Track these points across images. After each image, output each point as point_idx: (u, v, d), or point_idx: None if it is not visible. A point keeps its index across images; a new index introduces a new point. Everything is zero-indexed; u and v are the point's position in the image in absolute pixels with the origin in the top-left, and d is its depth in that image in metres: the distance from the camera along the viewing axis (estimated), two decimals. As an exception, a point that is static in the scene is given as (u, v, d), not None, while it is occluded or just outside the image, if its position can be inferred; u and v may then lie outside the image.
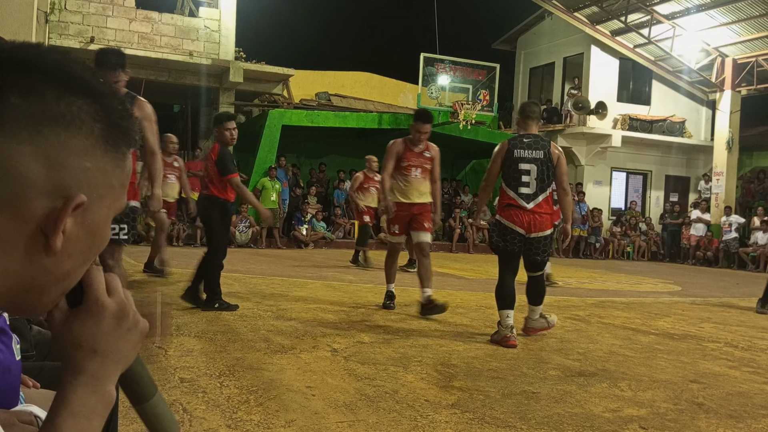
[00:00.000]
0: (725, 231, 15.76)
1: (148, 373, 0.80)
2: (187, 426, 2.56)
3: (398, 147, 5.79)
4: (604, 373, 3.82)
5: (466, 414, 2.90)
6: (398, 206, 5.75)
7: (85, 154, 0.63)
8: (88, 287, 0.69)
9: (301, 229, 14.20)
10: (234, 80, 14.29)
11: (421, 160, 5.78)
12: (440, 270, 10.43)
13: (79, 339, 0.68)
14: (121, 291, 0.72)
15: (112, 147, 0.65)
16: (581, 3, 17.08)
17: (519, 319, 4.91)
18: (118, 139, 0.66)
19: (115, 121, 0.66)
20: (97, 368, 0.68)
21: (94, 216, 0.65)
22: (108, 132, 0.65)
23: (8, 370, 0.96)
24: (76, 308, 0.69)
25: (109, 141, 0.65)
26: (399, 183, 5.78)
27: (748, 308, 7.51)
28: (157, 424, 0.81)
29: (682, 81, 18.09)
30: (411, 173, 5.76)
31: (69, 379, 0.68)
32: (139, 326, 0.72)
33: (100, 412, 0.69)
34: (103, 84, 0.67)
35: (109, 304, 0.70)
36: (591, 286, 9.17)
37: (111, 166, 0.66)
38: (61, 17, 13.24)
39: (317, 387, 3.19)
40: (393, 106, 18.64)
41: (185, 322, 4.75)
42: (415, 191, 5.77)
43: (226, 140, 5.56)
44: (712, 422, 2.98)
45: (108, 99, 0.66)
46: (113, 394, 0.70)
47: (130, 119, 0.69)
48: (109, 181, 0.66)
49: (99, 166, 0.64)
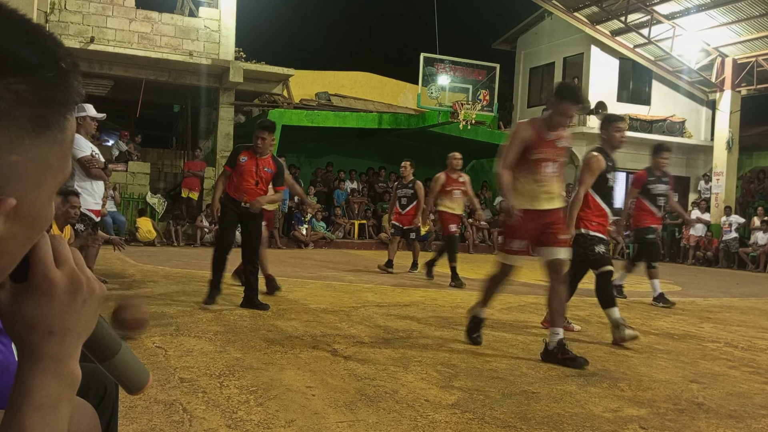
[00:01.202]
0: (725, 231, 15.77)
1: (110, 329, 0.75)
2: (187, 426, 2.56)
3: (526, 132, 4.23)
4: (604, 373, 3.82)
5: (466, 414, 2.90)
6: (525, 214, 4.21)
7: (10, 148, 0.54)
8: (34, 262, 0.61)
9: (301, 229, 14.21)
10: (234, 80, 14.29)
11: (556, 152, 4.29)
12: (440, 270, 10.43)
13: (32, 321, 0.60)
14: (70, 258, 0.64)
15: (44, 127, 0.56)
16: (581, 3, 17.09)
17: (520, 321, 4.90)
18: (52, 114, 0.57)
19: (47, 95, 0.56)
20: (56, 350, 0.61)
21: (31, 206, 0.58)
22: (37, 112, 0.55)
23: (6, 370, 0.96)
24: (22, 285, 0.61)
25: (41, 122, 0.56)
26: (525, 183, 4.26)
27: (748, 308, 7.50)
28: (124, 377, 0.78)
29: (682, 81, 18.10)
30: (543, 169, 4.24)
31: (27, 366, 0.61)
32: (95, 293, 0.65)
33: (67, 397, 0.62)
34: (29, 45, 0.55)
35: (59, 279, 0.62)
36: (591, 286, 9.16)
37: (45, 149, 0.57)
38: (61, 17, 13.24)
39: (317, 387, 3.19)
40: (393, 106, 18.65)
41: (185, 323, 4.75)
42: (545, 194, 4.29)
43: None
44: (712, 422, 2.98)
45: (36, 71, 0.55)
46: (78, 373, 0.64)
47: (67, 79, 0.58)
48: (46, 164, 0.58)
49: (30, 155, 0.56)
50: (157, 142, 17.76)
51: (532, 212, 4.25)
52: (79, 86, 0.60)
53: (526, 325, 5.42)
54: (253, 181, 5.54)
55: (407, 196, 9.44)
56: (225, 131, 14.89)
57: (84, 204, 5.73)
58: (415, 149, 18.35)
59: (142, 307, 3.44)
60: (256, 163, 5.55)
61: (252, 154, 5.56)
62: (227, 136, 14.91)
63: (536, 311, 6.25)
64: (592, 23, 17.58)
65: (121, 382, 0.78)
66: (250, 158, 5.54)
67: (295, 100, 16.24)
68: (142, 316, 3.38)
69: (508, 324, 5.40)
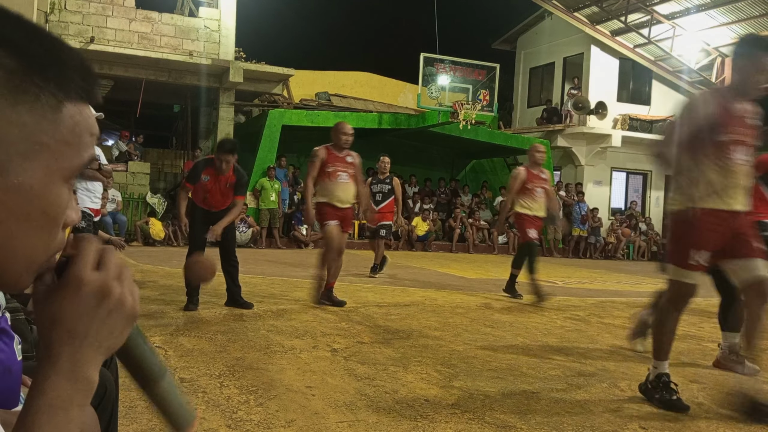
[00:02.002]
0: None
1: (153, 355, 0.74)
2: (187, 426, 2.56)
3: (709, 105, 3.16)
4: (604, 373, 3.82)
5: (466, 414, 2.90)
6: (710, 216, 3.18)
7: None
8: (73, 260, 0.63)
9: (301, 229, 14.21)
10: (234, 80, 14.29)
11: (746, 132, 3.23)
12: (440, 270, 10.44)
13: (55, 316, 0.62)
14: (112, 266, 0.65)
15: (23, 97, 0.57)
16: (581, 3, 17.10)
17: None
18: (35, 88, 0.58)
19: (30, 70, 0.58)
20: (72, 352, 0.62)
21: (19, 176, 0.58)
22: (16, 81, 0.57)
23: (9, 371, 0.96)
24: (58, 280, 0.63)
25: (17, 90, 0.57)
26: (715, 174, 3.17)
27: (748, 308, 7.50)
28: (165, 409, 0.76)
29: (682, 81, 18.10)
30: (733, 154, 3.16)
31: (44, 364, 0.62)
32: (125, 309, 0.65)
33: (79, 402, 0.62)
34: (17, 29, 0.59)
35: (90, 280, 0.63)
36: (591, 286, 9.17)
37: (30, 119, 0.58)
38: (61, 17, 13.24)
39: (317, 387, 3.19)
40: (393, 106, 18.66)
41: (185, 323, 4.75)
42: (737, 189, 3.21)
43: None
44: (712, 422, 2.98)
45: (17, 43, 0.58)
46: (94, 381, 0.64)
47: (63, 68, 0.61)
48: (35, 138, 0.58)
49: (10, 119, 0.57)
50: (157, 142, 17.78)
51: (722, 213, 3.18)
52: (85, 85, 0.62)
53: (526, 325, 5.42)
54: (217, 196, 5.56)
55: (383, 191, 8.98)
56: (225, 131, 14.89)
57: (81, 202, 5.75)
58: (415, 149, 18.35)
59: (208, 262, 4.93)
60: (218, 181, 5.51)
61: (214, 172, 5.49)
62: (227, 136, 14.89)
63: (536, 311, 6.25)
64: (592, 23, 17.59)
65: (162, 413, 0.77)
66: (212, 177, 5.49)
67: (295, 100, 16.24)
68: (211, 267, 4.91)
69: (508, 324, 5.40)
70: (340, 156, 6.00)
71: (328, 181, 5.94)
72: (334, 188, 5.92)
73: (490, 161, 19.63)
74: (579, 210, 16.58)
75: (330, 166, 5.94)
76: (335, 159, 5.97)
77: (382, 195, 8.94)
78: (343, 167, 5.97)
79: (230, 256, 5.63)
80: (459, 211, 16.01)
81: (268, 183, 13.76)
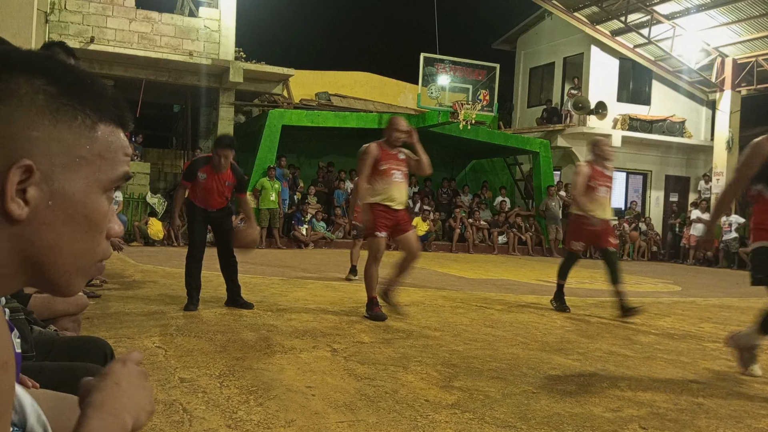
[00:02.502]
0: (725, 231, 15.77)
1: None
2: (187, 426, 2.56)
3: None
4: (604, 373, 3.82)
5: (466, 414, 2.90)
6: None
7: (31, 124, 0.67)
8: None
9: (301, 229, 14.21)
10: (234, 80, 14.29)
11: None
12: (440, 270, 10.43)
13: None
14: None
15: (62, 117, 0.69)
16: (581, 3, 17.09)
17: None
18: (72, 110, 0.69)
19: (68, 95, 0.69)
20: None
21: (63, 184, 0.69)
22: (56, 103, 0.68)
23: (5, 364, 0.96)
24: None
25: (58, 111, 0.68)
26: None
27: (748, 308, 7.50)
28: None
29: (682, 81, 18.11)
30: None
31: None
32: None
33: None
34: (56, 63, 0.71)
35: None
36: (591, 286, 9.16)
37: (69, 135, 0.69)
38: (61, 17, 13.24)
39: (317, 387, 3.19)
40: (393, 106, 18.66)
41: (185, 323, 4.75)
42: None
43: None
44: (712, 422, 2.98)
45: (57, 74, 0.69)
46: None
47: (97, 96, 0.72)
48: (75, 152, 0.69)
49: (51, 135, 0.68)
50: (157, 142, 17.78)
51: None
52: (118, 111, 0.74)
53: (526, 325, 5.42)
54: (214, 195, 5.49)
55: None
56: (225, 131, 14.89)
57: None
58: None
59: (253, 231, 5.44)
60: (215, 179, 5.43)
61: (209, 169, 5.41)
62: (227, 135, 14.90)
63: (536, 311, 6.26)
64: (592, 23, 17.59)
65: None
66: (209, 174, 5.41)
67: (295, 100, 16.24)
68: (254, 236, 5.48)
69: (508, 324, 5.40)
70: (392, 153, 5.53)
71: (381, 180, 5.44)
72: (389, 188, 5.44)
73: (490, 161, 19.63)
74: (579, 210, 16.57)
75: (383, 164, 5.44)
76: (388, 156, 5.48)
77: None
78: (396, 165, 5.50)
79: (229, 256, 5.61)
80: (459, 211, 16.01)
81: (268, 183, 13.76)
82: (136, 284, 6.86)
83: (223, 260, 5.59)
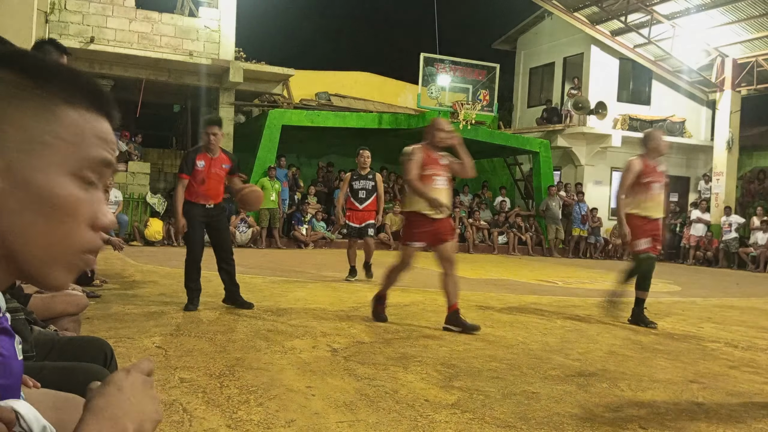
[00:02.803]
0: (725, 231, 15.77)
1: None
2: (187, 426, 2.56)
3: None
4: (604, 373, 3.82)
5: (466, 414, 2.90)
6: None
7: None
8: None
9: (301, 229, 14.21)
10: (234, 80, 14.29)
11: None
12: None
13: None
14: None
15: (23, 103, 0.68)
16: (581, 3, 17.09)
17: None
18: (30, 95, 0.68)
19: (27, 78, 0.68)
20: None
21: (27, 172, 0.67)
22: (13, 89, 0.67)
23: (10, 369, 0.96)
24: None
25: (18, 98, 0.67)
26: None
27: (748, 308, 7.51)
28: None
29: (682, 81, 18.11)
30: None
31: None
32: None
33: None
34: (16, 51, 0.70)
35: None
36: (591, 286, 9.17)
37: (31, 122, 0.68)
38: (61, 17, 13.24)
39: (317, 387, 3.19)
40: (393, 106, 18.65)
41: (185, 323, 4.75)
42: None
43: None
44: (712, 422, 2.98)
45: (17, 62, 0.68)
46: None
47: (55, 77, 0.70)
48: (38, 138, 0.68)
49: (12, 122, 0.67)
50: (157, 142, 17.78)
51: None
52: (91, 97, 0.72)
53: (526, 325, 5.42)
54: (214, 182, 5.51)
55: (366, 188, 8.15)
56: (225, 131, 14.83)
57: None
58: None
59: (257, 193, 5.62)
60: (213, 164, 5.48)
61: (206, 155, 5.47)
62: (227, 136, 14.89)
63: (536, 311, 6.26)
64: (592, 23, 17.59)
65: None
66: (206, 161, 5.46)
67: (295, 100, 16.24)
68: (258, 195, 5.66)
69: (508, 324, 5.40)
70: (435, 157, 5.09)
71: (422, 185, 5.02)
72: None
73: (490, 161, 19.63)
74: (579, 210, 16.59)
75: (427, 169, 5.00)
76: (432, 161, 5.05)
77: (366, 192, 8.16)
78: (440, 170, 5.08)
79: (227, 255, 5.57)
80: (459, 211, 16.01)
81: (269, 183, 13.76)
82: (136, 284, 6.86)
83: (221, 260, 5.57)
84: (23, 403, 0.95)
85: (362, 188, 8.16)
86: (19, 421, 0.92)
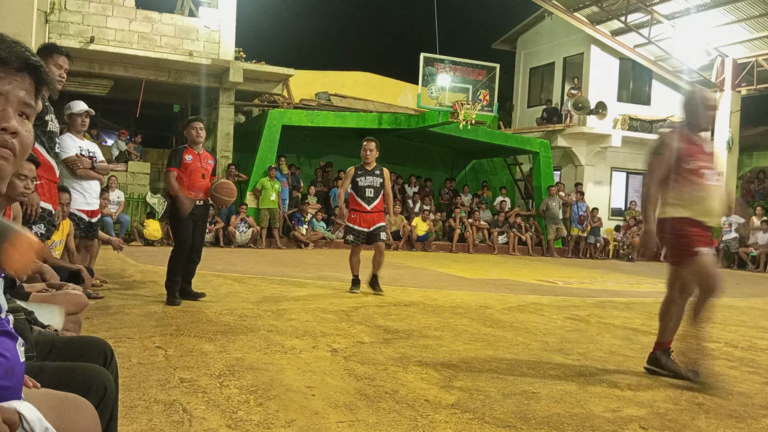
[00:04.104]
0: (725, 231, 15.77)
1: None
2: (187, 426, 2.56)
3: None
4: (604, 373, 3.82)
5: (466, 414, 2.90)
6: None
7: None
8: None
9: (301, 229, 14.21)
10: (234, 80, 14.29)
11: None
12: (440, 270, 10.44)
13: None
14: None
15: None
16: (581, 3, 17.10)
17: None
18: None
19: None
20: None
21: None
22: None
23: (12, 371, 0.96)
24: None
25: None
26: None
27: (748, 308, 7.50)
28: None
29: (682, 81, 18.10)
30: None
31: None
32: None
33: None
34: None
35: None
36: (591, 286, 9.17)
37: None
38: (61, 17, 13.24)
39: (317, 387, 3.19)
40: (393, 106, 18.65)
41: (185, 323, 4.75)
42: None
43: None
44: (712, 422, 2.98)
45: None
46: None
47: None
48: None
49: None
50: (157, 142, 17.77)
51: None
52: (19, 54, 0.88)
53: (526, 325, 5.42)
54: (200, 176, 5.87)
55: (374, 186, 6.98)
56: (225, 131, 14.89)
57: (73, 203, 5.69)
58: (415, 149, 18.35)
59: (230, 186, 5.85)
60: (199, 159, 5.87)
61: (192, 151, 5.87)
62: (227, 136, 14.91)
63: (536, 311, 6.26)
64: (592, 23, 17.59)
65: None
66: (193, 156, 5.85)
67: (295, 100, 16.24)
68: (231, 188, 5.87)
69: (508, 324, 5.40)
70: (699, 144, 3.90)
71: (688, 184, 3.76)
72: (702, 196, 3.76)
73: (490, 161, 19.63)
74: (576, 210, 16.60)
75: (690, 161, 3.76)
76: (695, 149, 3.83)
77: (374, 191, 6.99)
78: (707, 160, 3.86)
79: (196, 250, 5.92)
80: (459, 211, 16.02)
81: (269, 183, 13.76)
82: (136, 284, 6.86)
83: (192, 252, 5.90)
84: (26, 405, 0.95)
85: (369, 185, 6.98)
86: (22, 423, 0.92)
